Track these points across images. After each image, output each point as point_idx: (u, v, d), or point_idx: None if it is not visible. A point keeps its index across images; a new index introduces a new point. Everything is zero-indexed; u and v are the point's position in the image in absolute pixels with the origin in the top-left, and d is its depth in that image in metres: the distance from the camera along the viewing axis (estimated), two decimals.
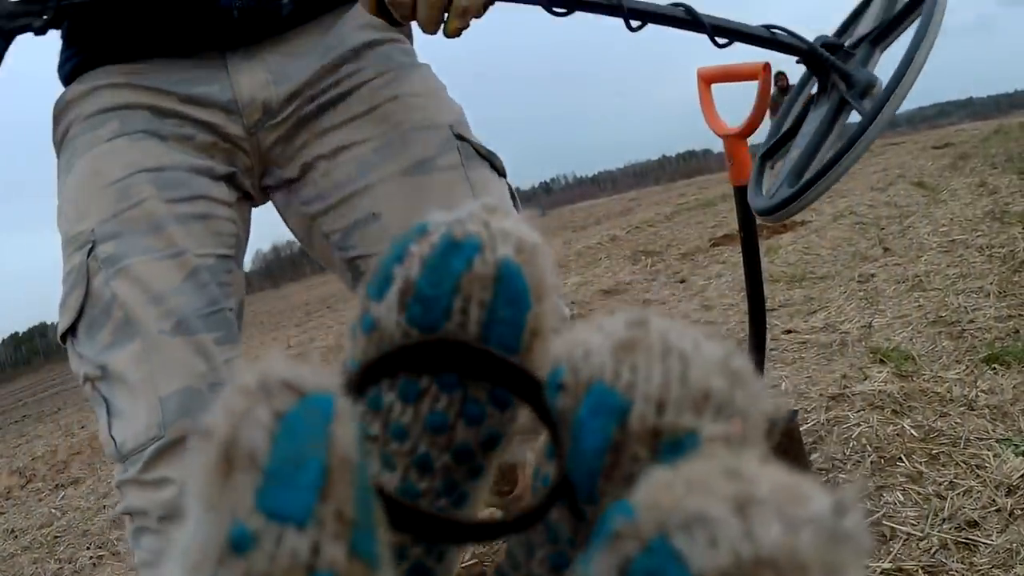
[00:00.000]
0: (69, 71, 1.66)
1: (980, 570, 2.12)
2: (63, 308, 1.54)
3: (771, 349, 4.65)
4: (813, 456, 3.00)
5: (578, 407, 0.25)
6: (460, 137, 1.70)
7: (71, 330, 1.53)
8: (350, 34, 1.70)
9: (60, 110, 1.66)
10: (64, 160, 1.64)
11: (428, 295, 0.27)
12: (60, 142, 1.68)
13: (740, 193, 2.53)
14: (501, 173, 1.76)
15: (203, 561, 0.19)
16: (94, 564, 4.26)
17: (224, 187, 1.66)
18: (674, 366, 0.24)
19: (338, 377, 0.23)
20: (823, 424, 3.22)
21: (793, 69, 13.73)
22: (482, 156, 1.73)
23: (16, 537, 5.14)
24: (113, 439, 1.46)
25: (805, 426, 3.22)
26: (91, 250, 1.50)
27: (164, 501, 1.37)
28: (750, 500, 0.18)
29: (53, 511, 5.49)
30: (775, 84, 13.88)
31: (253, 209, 1.85)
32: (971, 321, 4.16)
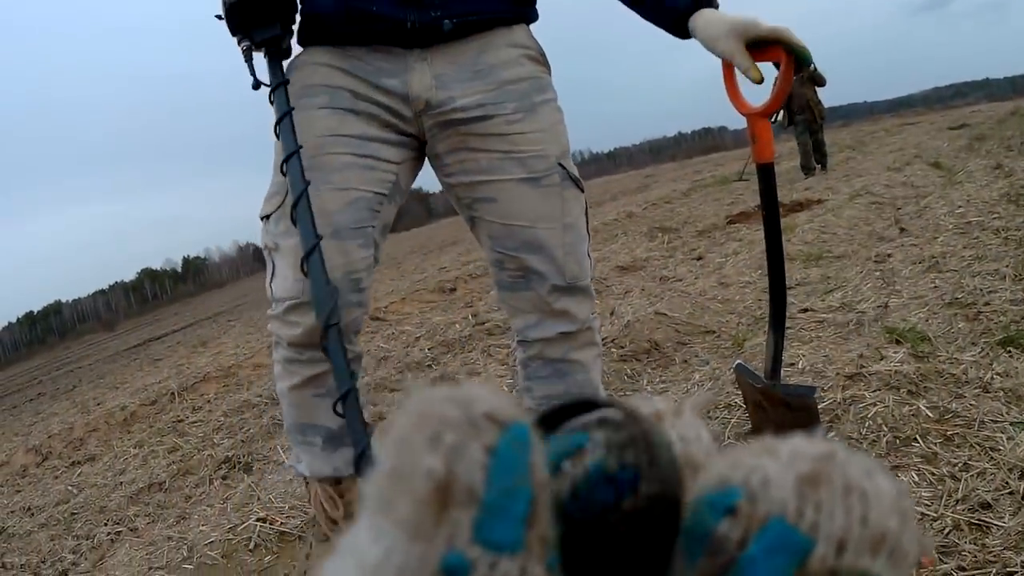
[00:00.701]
0: (301, 38, 2.33)
1: (992, 551, 2.16)
2: (266, 202, 2.28)
3: (788, 328, 4.68)
4: (830, 435, 3.04)
5: (749, 540, 0.24)
6: (562, 166, 2.30)
7: (266, 217, 2.28)
8: (499, 66, 2.23)
9: (289, 68, 2.30)
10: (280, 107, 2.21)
11: (578, 517, 0.27)
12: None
13: (763, 171, 2.56)
14: (581, 189, 2.42)
15: None
16: (112, 540, 4.29)
17: (394, 150, 2.27)
18: (856, 506, 0.23)
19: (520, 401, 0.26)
20: (839, 403, 3.25)
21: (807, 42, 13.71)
22: (572, 180, 2.35)
23: (33, 514, 5.18)
24: (271, 288, 2.25)
25: (821, 404, 3.26)
26: None
27: (292, 335, 2.21)
28: None
29: (70, 488, 5.53)
30: None
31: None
32: (987, 303, 4.18)
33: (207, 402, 7.16)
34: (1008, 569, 2.09)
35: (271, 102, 2.21)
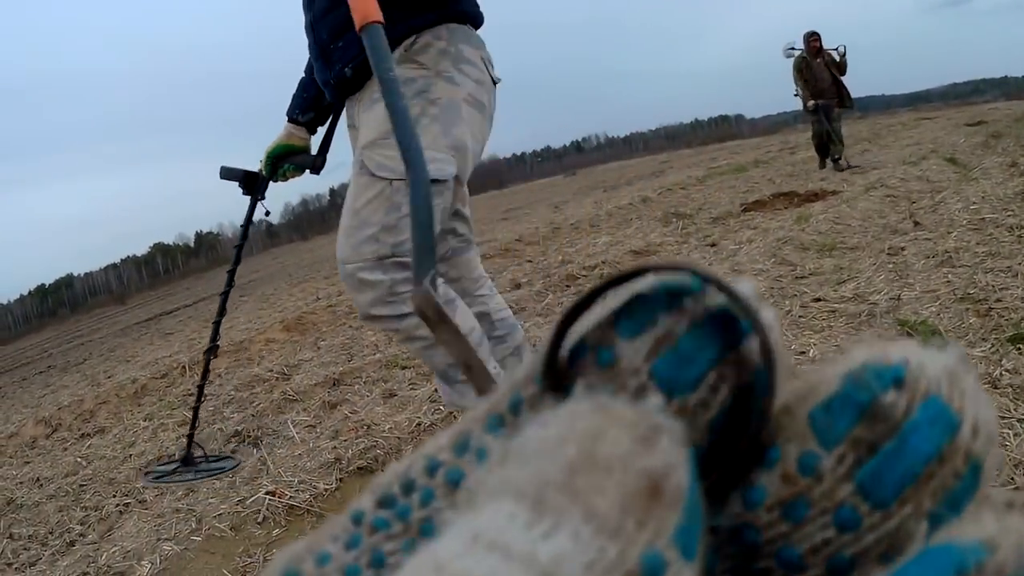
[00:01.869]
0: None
1: None
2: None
3: (800, 316, 4.69)
4: None
5: (914, 409, 0.25)
6: (364, 151, 2.57)
7: None
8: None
9: None
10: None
11: (688, 353, 0.27)
12: None
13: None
14: (378, 176, 2.49)
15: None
16: (120, 512, 4.32)
17: None
18: (982, 405, 0.26)
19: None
20: None
21: (827, 33, 13.49)
22: (365, 167, 2.53)
23: (42, 485, 5.21)
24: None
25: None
26: None
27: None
28: None
29: (79, 460, 5.55)
30: (807, 44, 13.80)
31: None
32: (998, 300, 4.18)
33: (218, 376, 7.18)
34: None
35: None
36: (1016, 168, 8.78)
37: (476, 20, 2.71)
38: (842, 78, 14.26)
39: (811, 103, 14.08)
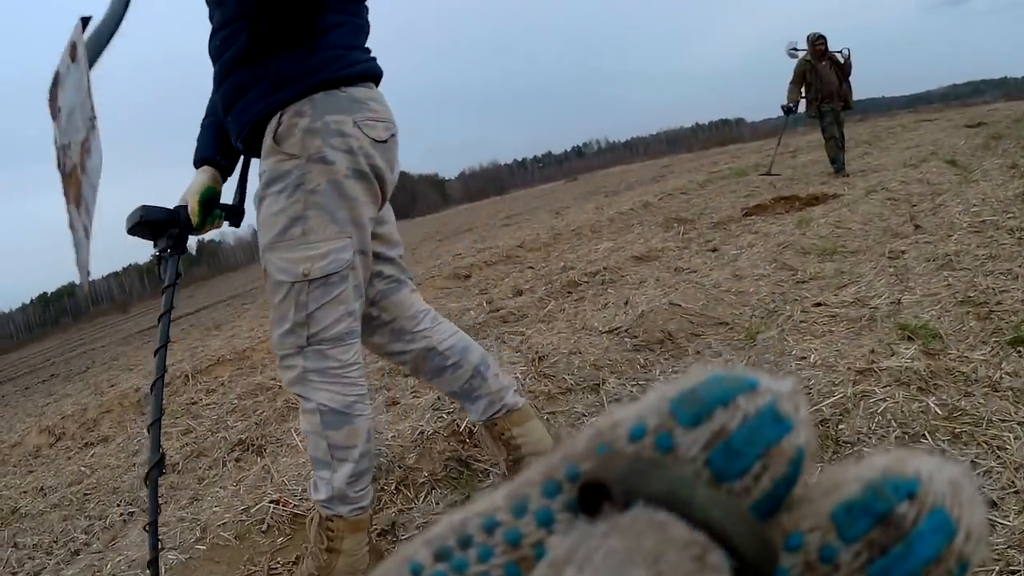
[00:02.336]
0: None
1: (997, 550, 2.18)
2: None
3: (801, 321, 4.70)
4: (840, 428, 3.06)
5: (920, 520, 0.30)
6: (264, 254, 2.73)
7: None
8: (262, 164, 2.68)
9: None
10: None
11: (738, 448, 0.31)
12: None
13: None
14: (276, 279, 2.72)
15: None
16: (124, 521, 4.33)
17: None
18: (976, 512, 0.30)
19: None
20: (850, 397, 3.27)
21: (828, 35, 13.46)
22: (266, 272, 2.77)
23: (46, 495, 5.22)
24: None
25: (832, 399, 3.29)
26: None
27: None
28: None
29: (83, 469, 5.57)
30: (813, 47, 13.59)
31: None
32: (999, 303, 4.20)
33: (221, 384, 7.20)
34: (1012, 568, 2.11)
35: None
36: (1016, 170, 8.80)
37: (352, 80, 2.63)
38: (847, 80, 14.08)
39: (784, 104, 14.39)
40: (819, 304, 4.98)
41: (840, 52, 13.95)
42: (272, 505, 3.65)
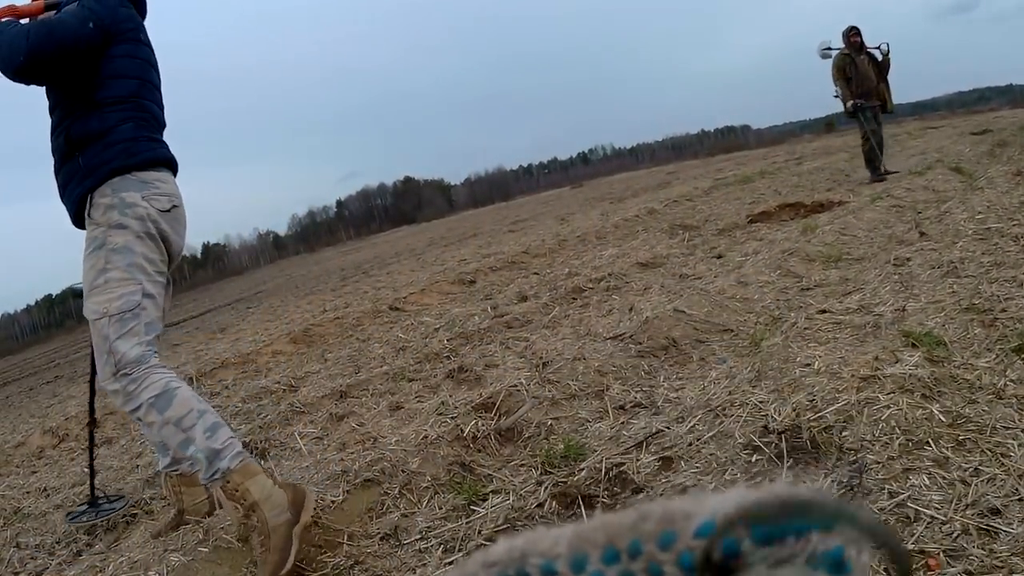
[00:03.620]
0: None
1: (999, 557, 2.18)
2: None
3: (805, 328, 4.69)
4: (844, 434, 3.06)
5: None
6: (84, 302, 3.43)
7: None
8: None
9: None
10: None
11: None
12: None
13: None
14: (91, 319, 3.42)
15: None
16: (127, 522, 4.34)
17: None
18: None
19: None
20: (854, 404, 3.26)
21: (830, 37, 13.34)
22: (84, 314, 3.45)
23: (48, 495, 5.23)
24: None
25: (836, 406, 3.28)
26: None
27: None
28: None
29: (86, 470, 5.57)
30: (848, 40, 12.92)
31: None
32: (1003, 310, 4.19)
33: (225, 388, 7.20)
34: (1015, 575, 2.10)
35: None
36: (1022, 177, 8.80)
37: (140, 165, 3.43)
38: (885, 79, 13.33)
39: (850, 103, 12.98)
40: (824, 311, 4.98)
41: (879, 48, 13.23)
42: None
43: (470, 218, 50.76)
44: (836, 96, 13.20)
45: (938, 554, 2.24)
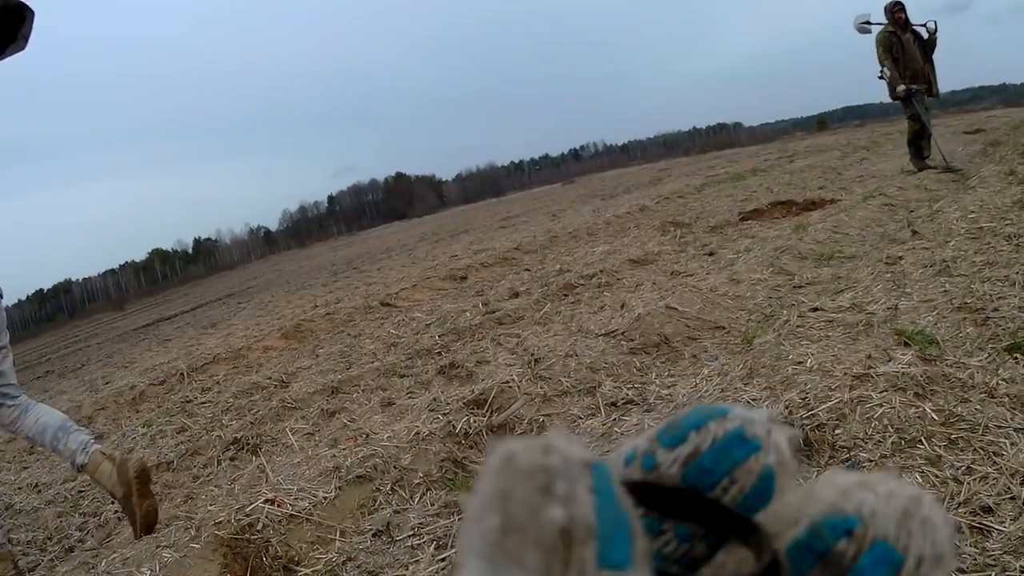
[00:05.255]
0: None
1: (992, 555, 2.19)
2: None
3: (797, 326, 4.69)
4: (836, 432, 3.06)
5: (861, 556, 0.32)
6: None
7: None
8: None
9: None
10: None
11: (708, 466, 0.35)
12: None
13: None
14: None
15: None
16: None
17: None
18: (930, 534, 0.32)
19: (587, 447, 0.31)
20: (846, 402, 3.26)
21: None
22: None
23: (40, 491, 5.22)
24: None
25: (828, 404, 3.28)
26: None
27: None
28: None
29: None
30: (892, 15, 11.80)
31: None
32: (995, 309, 4.19)
33: (216, 383, 7.20)
34: (1007, 573, 2.11)
35: None
36: (1014, 176, 8.79)
37: None
38: (931, 60, 12.18)
39: (902, 87, 11.78)
40: (816, 309, 4.98)
41: (924, 25, 12.13)
42: (267, 505, 3.65)
43: (461, 214, 50.77)
44: (881, 78, 12.10)
45: None
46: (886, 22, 11.91)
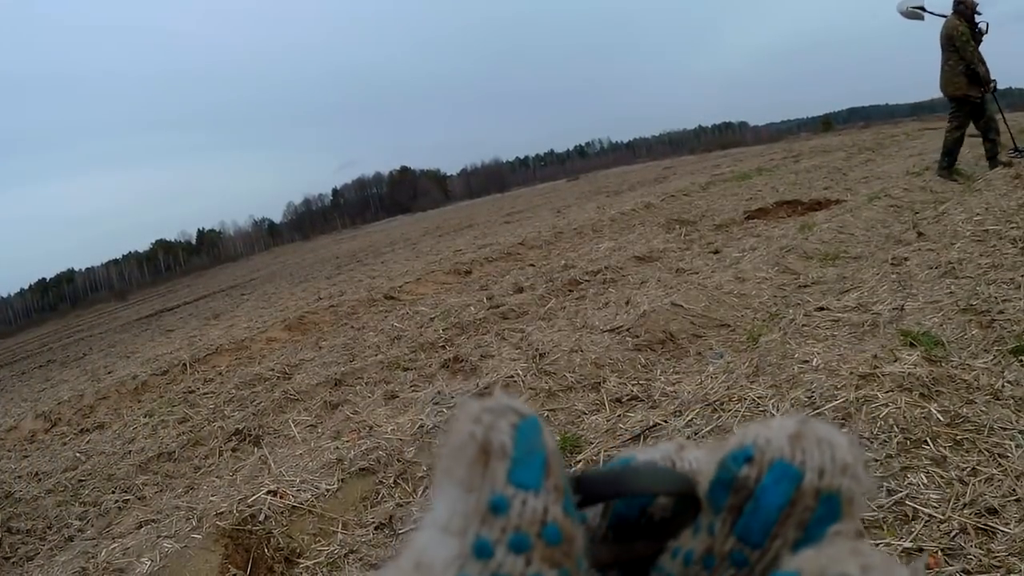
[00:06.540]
0: None
1: (997, 556, 2.18)
2: None
3: (803, 325, 4.68)
4: (842, 431, 3.05)
5: (762, 476, 0.37)
6: None
7: None
8: None
9: None
10: None
11: (622, 511, 0.42)
12: None
13: None
14: None
15: (468, 523, 0.33)
16: (119, 508, 4.33)
17: None
18: (826, 448, 0.36)
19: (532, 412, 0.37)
20: (852, 402, 3.26)
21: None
22: None
23: (40, 480, 5.22)
24: None
25: (834, 403, 3.28)
26: None
27: None
28: (869, 568, 0.31)
29: (78, 455, 5.56)
30: (967, 7, 11.01)
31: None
32: (1001, 312, 4.18)
33: (219, 374, 7.20)
34: (1012, 574, 2.10)
35: None
36: (1020, 180, 8.77)
37: None
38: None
39: (993, 82, 11.20)
40: (821, 308, 4.97)
41: (978, 25, 11.22)
42: (269, 496, 3.65)
43: (466, 209, 50.82)
44: (976, 72, 11.01)
45: (936, 552, 2.25)
46: (951, 12, 11.17)
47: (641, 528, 0.42)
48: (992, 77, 11.03)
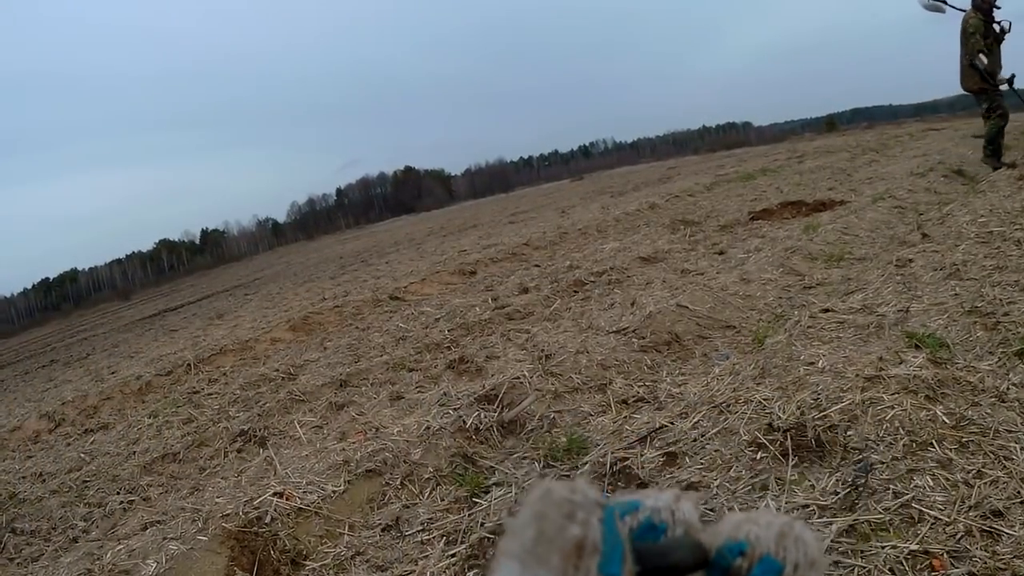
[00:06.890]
0: None
1: (1002, 559, 2.18)
2: None
3: (808, 327, 4.68)
4: (848, 434, 3.05)
5: (752, 567, 0.49)
6: None
7: None
8: None
9: None
10: None
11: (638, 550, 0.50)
12: None
13: None
14: None
15: None
16: (124, 509, 4.33)
17: None
18: (802, 547, 0.49)
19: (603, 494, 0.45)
20: (858, 404, 3.26)
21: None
22: None
23: (44, 480, 5.22)
24: None
25: (840, 405, 3.27)
26: None
27: None
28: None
29: (82, 455, 5.57)
30: (988, 5, 10.88)
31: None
32: (1006, 314, 4.17)
33: (223, 374, 7.20)
34: None
35: None
36: None
37: None
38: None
39: (1010, 73, 10.99)
40: (827, 310, 4.97)
41: (999, 23, 11.08)
42: (275, 498, 3.65)
43: (470, 209, 50.89)
44: (975, 65, 10.93)
45: (942, 555, 2.25)
46: (970, 8, 11.04)
47: None
48: (1011, 73, 10.86)
